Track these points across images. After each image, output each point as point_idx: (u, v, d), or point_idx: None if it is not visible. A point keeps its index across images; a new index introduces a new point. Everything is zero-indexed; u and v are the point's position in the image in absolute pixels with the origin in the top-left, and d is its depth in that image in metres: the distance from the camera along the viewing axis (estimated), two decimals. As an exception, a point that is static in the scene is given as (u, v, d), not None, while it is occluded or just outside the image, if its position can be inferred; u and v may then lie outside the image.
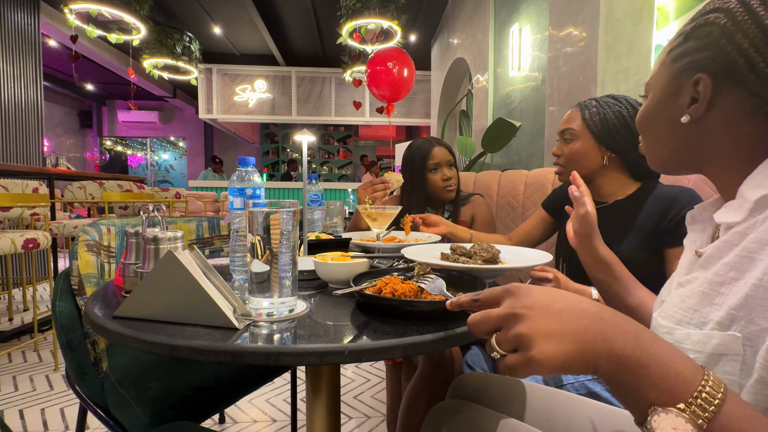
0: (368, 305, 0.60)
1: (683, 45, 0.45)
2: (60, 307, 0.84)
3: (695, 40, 0.44)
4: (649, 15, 1.75)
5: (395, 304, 0.57)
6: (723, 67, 0.41)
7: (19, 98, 3.73)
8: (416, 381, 0.97)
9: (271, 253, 0.54)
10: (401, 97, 3.56)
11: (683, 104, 0.45)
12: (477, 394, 0.68)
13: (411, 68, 3.45)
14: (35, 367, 1.98)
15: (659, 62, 0.50)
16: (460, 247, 0.83)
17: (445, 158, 1.40)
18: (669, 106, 0.47)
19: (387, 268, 0.78)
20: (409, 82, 3.48)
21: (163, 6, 5.00)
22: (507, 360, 0.35)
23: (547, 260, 0.78)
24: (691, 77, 0.44)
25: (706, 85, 0.42)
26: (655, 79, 0.50)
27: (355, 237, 1.18)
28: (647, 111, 0.51)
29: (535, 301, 0.35)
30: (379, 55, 3.42)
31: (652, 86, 0.50)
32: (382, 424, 1.54)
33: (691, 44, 0.44)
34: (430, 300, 0.55)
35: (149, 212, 0.81)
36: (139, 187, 2.94)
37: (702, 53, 0.43)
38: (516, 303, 0.36)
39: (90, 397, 0.87)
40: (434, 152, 1.39)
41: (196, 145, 9.37)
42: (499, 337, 0.36)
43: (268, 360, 0.45)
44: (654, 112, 0.50)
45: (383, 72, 3.36)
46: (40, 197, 2.06)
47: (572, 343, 0.33)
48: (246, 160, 0.81)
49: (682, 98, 0.45)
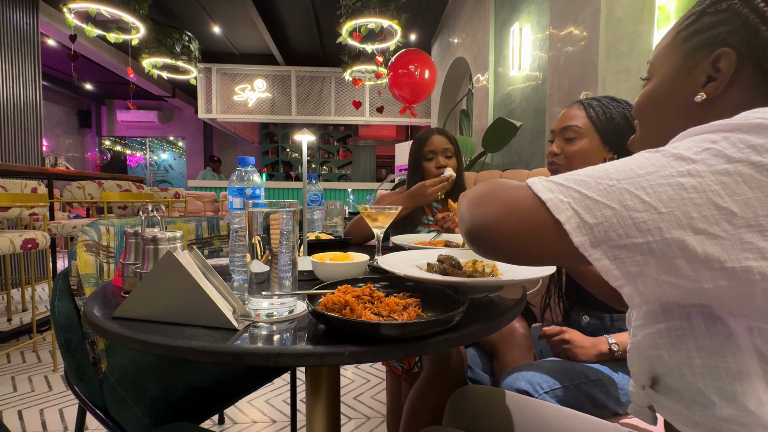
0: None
1: (697, 22, 0.43)
2: (59, 307, 0.84)
3: (712, 16, 0.42)
4: (650, 14, 1.75)
5: (334, 320, 0.48)
6: (746, 39, 0.39)
7: (18, 98, 3.72)
8: (421, 384, 0.95)
9: (270, 253, 0.53)
10: (422, 99, 3.58)
11: (697, 84, 0.43)
12: (477, 411, 0.68)
13: (432, 70, 3.47)
14: (34, 368, 1.97)
15: (666, 43, 0.47)
16: (449, 258, 0.71)
17: (441, 146, 1.36)
18: (678, 88, 0.45)
19: (365, 278, 0.67)
20: (430, 85, 3.48)
21: (163, 5, 4.99)
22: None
23: (550, 270, 0.68)
24: (707, 55, 0.42)
25: (730, 60, 0.40)
26: (661, 61, 0.48)
27: (403, 240, 1.05)
28: (651, 94, 0.48)
29: None
30: (401, 58, 3.44)
31: (657, 68, 0.48)
32: (382, 425, 1.53)
33: (707, 20, 0.42)
34: (374, 322, 0.47)
35: (148, 212, 0.81)
36: (138, 187, 2.93)
37: (721, 27, 0.41)
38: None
39: (89, 397, 0.86)
40: (431, 140, 1.37)
41: (196, 145, 9.36)
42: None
43: (268, 361, 0.44)
44: (659, 95, 0.47)
45: (405, 75, 3.36)
46: (38, 197, 2.06)
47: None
48: (245, 159, 0.80)
49: (694, 78, 0.43)
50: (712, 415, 0.34)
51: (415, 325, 0.47)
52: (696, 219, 0.29)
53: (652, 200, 0.30)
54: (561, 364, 0.85)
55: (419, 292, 0.60)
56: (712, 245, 0.29)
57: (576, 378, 0.81)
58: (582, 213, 0.32)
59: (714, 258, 0.29)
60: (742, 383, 0.32)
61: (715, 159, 0.30)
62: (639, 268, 0.31)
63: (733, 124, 0.31)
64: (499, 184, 0.39)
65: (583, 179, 0.34)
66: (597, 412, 0.79)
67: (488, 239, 0.36)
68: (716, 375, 0.33)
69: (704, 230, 0.29)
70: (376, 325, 0.46)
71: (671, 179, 0.30)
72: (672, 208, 0.30)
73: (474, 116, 3.82)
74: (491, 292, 0.68)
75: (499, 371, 1.01)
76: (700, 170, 0.30)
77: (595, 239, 0.32)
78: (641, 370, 0.41)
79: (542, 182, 0.36)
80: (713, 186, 0.29)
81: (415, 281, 0.63)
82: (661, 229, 0.30)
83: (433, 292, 0.60)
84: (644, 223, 0.30)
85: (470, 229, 0.38)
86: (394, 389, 1.30)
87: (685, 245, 0.29)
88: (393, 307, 0.53)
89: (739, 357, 0.32)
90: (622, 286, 0.32)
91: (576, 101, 0.99)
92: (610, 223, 0.31)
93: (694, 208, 0.29)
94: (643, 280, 0.31)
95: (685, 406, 0.36)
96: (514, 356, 0.98)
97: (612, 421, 0.77)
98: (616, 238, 0.31)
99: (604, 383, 0.81)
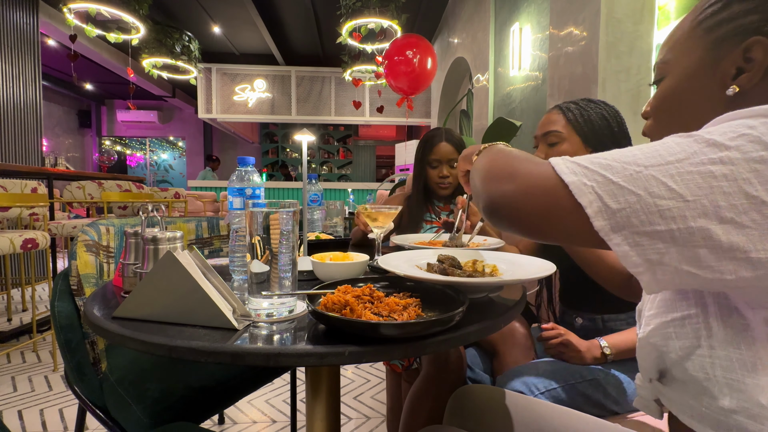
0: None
1: (725, 11, 0.41)
2: (59, 307, 0.84)
3: (742, 3, 0.39)
4: (650, 14, 1.75)
5: (333, 320, 0.48)
6: None
7: (18, 98, 3.72)
8: (420, 384, 0.95)
9: (270, 253, 0.53)
10: (420, 89, 3.29)
11: (725, 76, 0.40)
12: (478, 411, 0.68)
13: (433, 57, 3.18)
14: (34, 368, 1.97)
15: (682, 36, 0.45)
16: (449, 258, 0.72)
17: (446, 156, 1.36)
18: (704, 82, 0.42)
19: (365, 278, 0.68)
20: (430, 74, 3.18)
21: (163, 5, 4.99)
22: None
23: (550, 271, 0.66)
24: (736, 45, 0.39)
25: (766, 49, 0.38)
26: (679, 56, 0.44)
27: (403, 240, 1.02)
28: (671, 91, 0.45)
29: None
30: (397, 44, 3.15)
31: (673, 65, 0.45)
32: (382, 425, 1.53)
33: (736, 8, 0.40)
34: (374, 322, 0.47)
35: (148, 212, 0.81)
36: (138, 187, 2.93)
37: (754, 15, 0.38)
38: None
39: (89, 397, 0.86)
40: (438, 148, 1.37)
41: (196, 145, 9.36)
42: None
43: (268, 361, 0.44)
44: (682, 91, 0.44)
45: (402, 62, 3.05)
46: (38, 197, 2.06)
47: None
48: (245, 159, 0.80)
49: (722, 70, 0.41)
50: (720, 406, 0.33)
51: (415, 325, 0.47)
52: (723, 208, 0.28)
53: (680, 188, 0.30)
54: (556, 365, 0.85)
55: (419, 292, 0.60)
56: (738, 234, 0.28)
57: (571, 378, 0.82)
58: (605, 197, 0.32)
59: (739, 248, 0.28)
60: (754, 376, 0.31)
61: (751, 145, 0.29)
62: (659, 256, 0.30)
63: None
64: (516, 158, 0.39)
65: (609, 163, 0.33)
66: (594, 411, 0.79)
67: (507, 216, 0.36)
68: (728, 366, 0.33)
69: (731, 219, 0.28)
70: (376, 325, 0.46)
71: (701, 167, 0.29)
72: (699, 197, 0.29)
73: (474, 116, 3.82)
74: (491, 292, 0.68)
75: (499, 371, 1.01)
76: (733, 157, 0.29)
77: (617, 224, 0.31)
78: (650, 362, 0.40)
79: (566, 163, 0.35)
80: (745, 174, 0.28)
81: (415, 281, 0.63)
82: (685, 217, 0.29)
83: (433, 292, 0.60)
84: (669, 210, 0.30)
85: (488, 204, 0.38)
86: (394, 389, 1.30)
87: (709, 234, 0.29)
88: (393, 307, 0.53)
89: (753, 349, 0.32)
90: (640, 273, 0.32)
91: (554, 106, 1.00)
92: (634, 209, 0.31)
93: (722, 197, 0.28)
94: (663, 268, 0.31)
95: (692, 397, 0.36)
96: (514, 356, 0.98)
97: (609, 419, 0.78)
98: (638, 224, 0.31)
99: (600, 382, 0.82)
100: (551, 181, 0.34)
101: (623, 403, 0.82)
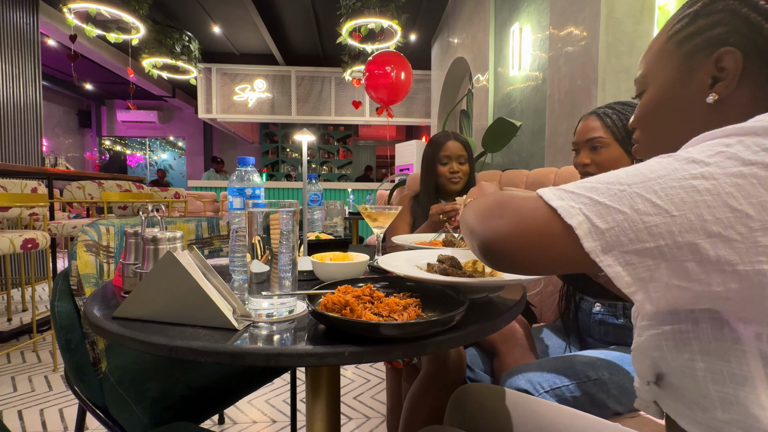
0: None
1: (691, 25, 0.43)
2: (59, 307, 0.84)
3: (707, 17, 0.42)
4: (650, 14, 1.75)
5: (334, 321, 0.49)
6: (749, 38, 0.39)
7: (18, 98, 3.72)
8: (420, 383, 0.96)
9: (270, 253, 0.53)
10: (398, 100, 3.61)
11: (702, 85, 0.43)
12: (478, 410, 0.67)
13: (408, 71, 3.49)
14: (34, 368, 1.97)
15: (657, 51, 0.47)
16: (449, 258, 0.71)
17: (456, 153, 1.44)
18: (681, 92, 0.45)
19: (365, 278, 0.68)
20: (406, 86, 3.52)
21: (163, 5, 4.99)
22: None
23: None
24: (707, 56, 0.42)
25: (736, 59, 0.40)
26: (655, 69, 0.47)
27: (403, 240, 1.03)
28: (652, 102, 0.48)
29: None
30: (376, 59, 3.46)
31: (651, 78, 0.48)
32: (382, 425, 1.53)
33: (702, 22, 0.42)
34: (375, 322, 0.47)
35: (148, 212, 0.81)
36: (138, 187, 2.93)
37: (719, 27, 0.41)
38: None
39: (89, 397, 0.86)
40: (447, 145, 1.45)
41: (196, 145, 9.36)
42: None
43: (268, 361, 0.44)
44: (662, 101, 0.47)
45: (381, 75, 3.39)
46: (38, 197, 2.06)
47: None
48: (245, 159, 0.80)
49: (698, 80, 0.43)
50: (713, 417, 0.34)
51: (415, 325, 0.47)
52: (709, 222, 0.29)
53: (664, 203, 0.30)
54: (562, 363, 0.85)
55: (419, 292, 0.60)
56: (725, 248, 0.28)
57: (576, 377, 0.81)
58: (593, 218, 0.32)
59: (726, 260, 0.29)
60: (746, 389, 0.32)
61: (729, 162, 0.29)
62: (650, 272, 0.31)
63: (747, 128, 0.30)
64: (506, 196, 0.40)
65: (593, 186, 0.34)
66: (597, 411, 0.79)
67: (500, 251, 0.36)
68: (719, 379, 0.33)
69: (718, 233, 0.29)
70: (376, 326, 0.46)
71: (684, 182, 0.30)
72: (684, 211, 0.29)
73: (474, 116, 3.82)
74: (491, 292, 0.68)
75: (499, 371, 1.01)
76: (714, 172, 0.29)
77: (607, 244, 0.32)
78: (645, 368, 0.41)
79: (553, 191, 0.36)
80: (727, 188, 0.29)
81: (415, 281, 0.63)
82: (673, 232, 0.30)
83: (433, 292, 0.60)
84: (656, 226, 0.30)
85: (482, 242, 0.38)
86: (394, 389, 1.30)
87: (696, 248, 0.29)
88: (393, 307, 0.53)
89: (744, 362, 0.32)
90: (633, 293, 0.32)
91: (591, 112, 1.01)
92: (622, 228, 0.31)
93: (707, 210, 0.29)
94: (654, 285, 0.31)
95: (686, 406, 0.36)
96: (515, 356, 0.98)
97: (613, 420, 0.77)
98: (627, 242, 0.31)
99: (605, 382, 0.82)
100: (540, 210, 0.35)
101: (626, 403, 0.82)
